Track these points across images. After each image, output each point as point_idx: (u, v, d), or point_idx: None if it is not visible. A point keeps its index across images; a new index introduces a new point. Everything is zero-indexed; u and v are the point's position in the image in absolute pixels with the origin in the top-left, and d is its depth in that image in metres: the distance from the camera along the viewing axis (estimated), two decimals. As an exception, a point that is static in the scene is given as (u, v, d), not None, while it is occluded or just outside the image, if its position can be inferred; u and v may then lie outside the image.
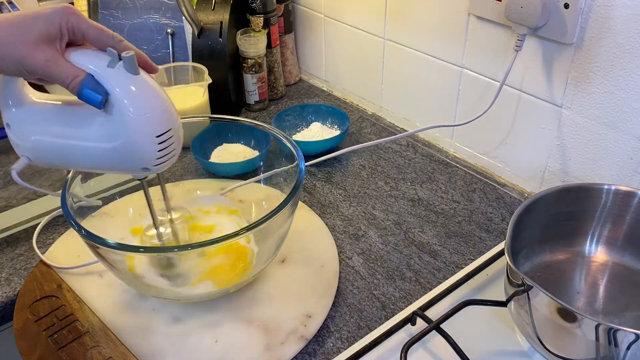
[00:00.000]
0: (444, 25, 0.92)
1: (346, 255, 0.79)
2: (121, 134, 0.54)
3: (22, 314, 0.70)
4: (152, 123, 0.55)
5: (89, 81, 0.51)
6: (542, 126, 0.84)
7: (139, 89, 0.54)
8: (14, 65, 0.50)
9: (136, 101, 0.53)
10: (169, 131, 0.56)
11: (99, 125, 0.55)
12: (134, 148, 0.55)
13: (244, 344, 0.65)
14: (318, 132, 1.03)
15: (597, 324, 0.51)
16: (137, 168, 0.58)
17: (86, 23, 0.52)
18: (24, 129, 0.57)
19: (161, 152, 0.56)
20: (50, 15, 0.50)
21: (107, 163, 0.58)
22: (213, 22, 1.06)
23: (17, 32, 0.49)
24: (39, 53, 0.49)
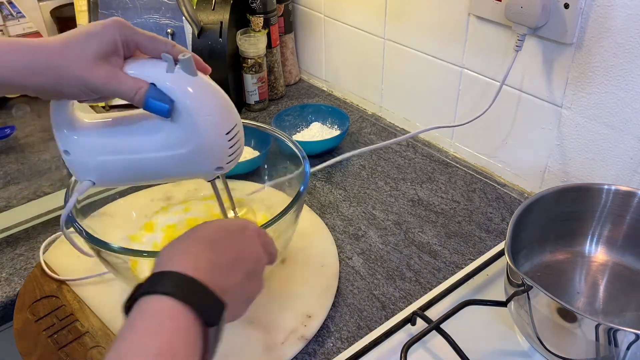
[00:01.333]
0: (444, 25, 0.92)
1: (346, 255, 0.79)
2: (192, 138, 0.53)
3: (22, 314, 0.70)
4: (220, 121, 0.54)
5: (153, 91, 0.50)
6: (542, 126, 0.84)
7: (202, 89, 0.53)
8: (76, 86, 0.49)
9: (201, 102, 0.52)
10: (235, 126, 0.55)
11: (167, 134, 0.53)
12: (206, 149, 0.54)
13: (244, 344, 0.65)
14: (318, 132, 1.03)
15: (597, 324, 0.51)
16: (210, 169, 0.57)
17: (139, 34, 0.51)
18: (85, 152, 0.56)
19: (232, 148, 0.55)
20: (102, 31, 0.49)
21: (179, 170, 0.56)
22: (213, 22, 1.05)
23: (73, 53, 0.48)
24: (98, 71, 0.49)
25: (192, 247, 0.46)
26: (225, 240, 0.49)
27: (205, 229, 0.49)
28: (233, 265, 0.47)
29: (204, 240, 0.47)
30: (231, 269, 0.47)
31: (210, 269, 0.45)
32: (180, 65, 0.51)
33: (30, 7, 1.24)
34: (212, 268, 0.45)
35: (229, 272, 0.46)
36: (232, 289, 0.46)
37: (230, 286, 0.46)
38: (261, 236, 0.53)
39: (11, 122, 1.11)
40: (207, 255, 0.46)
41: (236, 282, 0.47)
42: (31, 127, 1.09)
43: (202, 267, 0.44)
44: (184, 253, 0.46)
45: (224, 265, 0.46)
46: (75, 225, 0.62)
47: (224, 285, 0.44)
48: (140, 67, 0.52)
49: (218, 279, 0.44)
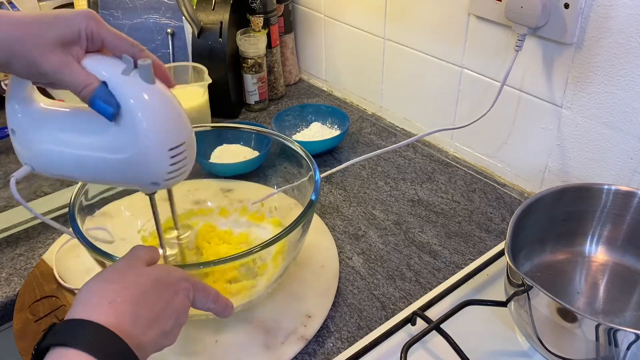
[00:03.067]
0: (444, 25, 0.92)
1: (346, 255, 0.79)
2: (131, 145, 0.51)
3: (22, 314, 0.70)
4: (165, 136, 0.52)
5: (101, 91, 0.49)
6: (542, 126, 0.84)
7: (153, 99, 0.51)
8: (26, 66, 0.48)
9: (149, 112, 0.51)
10: (181, 145, 0.53)
11: (110, 135, 0.52)
12: (144, 161, 0.52)
13: (244, 344, 0.65)
14: (318, 132, 1.03)
15: (597, 324, 0.51)
16: (146, 182, 0.55)
17: (106, 29, 0.50)
18: (30, 136, 0.55)
19: (173, 166, 0.53)
20: (70, 18, 0.48)
21: (115, 175, 0.55)
22: (213, 22, 1.05)
23: (35, 30, 0.47)
24: (53, 56, 0.47)
25: (119, 296, 0.44)
26: (154, 293, 0.47)
27: (139, 276, 0.47)
28: (154, 322, 0.46)
29: (133, 291, 0.45)
30: (152, 325, 0.45)
31: (131, 323, 0.43)
32: (139, 70, 0.50)
33: (30, 7, 1.24)
34: (133, 322, 0.43)
35: (148, 329, 0.45)
36: (147, 345, 0.44)
37: (146, 342, 0.44)
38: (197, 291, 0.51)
39: (11, 122, 1.11)
40: (132, 308, 0.44)
41: (153, 338, 0.45)
42: (31, 127, 1.09)
43: (125, 321, 0.43)
44: (110, 302, 0.43)
45: (145, 321, 0.45)
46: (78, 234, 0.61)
47: (140, 341, 0.43)
48: (98, 63, 0.50)
49: (137, 334, 0.43)
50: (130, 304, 0.44)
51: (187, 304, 0.50)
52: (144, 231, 0.77)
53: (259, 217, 0.80)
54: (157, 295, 0.47)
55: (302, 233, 0.66)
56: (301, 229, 0.64)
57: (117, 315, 0.43)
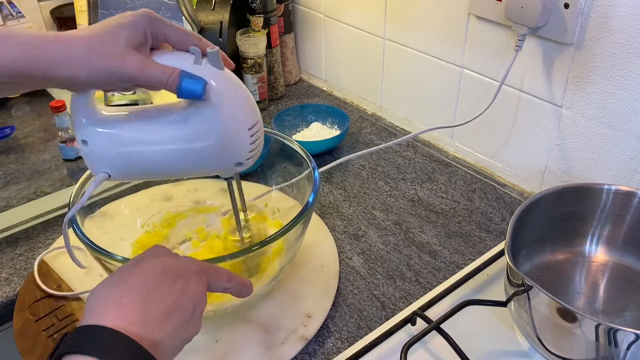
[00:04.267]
0: (444, 25, 0.92)
1: (346, 255, 0.79)
2: (214, 131, 0.53)
3: (22, 314, 0.70)
4: (245, 116, 0.54)
5: (185, 74, 0.51)
6: (542, 126, 0.84)
7: (228, 83, 0.53)
8: (108, 76, 0.49)
9: (228, 95, 0.53)
10: (258, 122, 0.55)
11: (190, 126, 0.53)
12: (228, 143, 0.55)
13: (244, 344, 0.65)
14: (318, 132, 1.03)
15: (597, 324, 0.51)
16: (230, 164, 0.57)
17: (168, 26, 0.52)
18: (103, 143, 0.55)
19: (253, 144, 0.56)
20: (133, 22, 0.50)
21: (199, 164, 0.56)
22: (213, 22, 1.05)
23: (106, 42, 0.49)
24: (131, 58, 0.49)
25: (125, 297, 0.43)
26: (162, 287, 0.45)
27: (143, 271, 0.46)
28: (168, 316, 0.44)
29: (139, 289, 0.44)
30: (166, 319, 0.44)
31: (143, 323, 0.42)
32: (209, 58, 0.52)
33: (30, 7, 1.24)
34: (145, 321, 0.43)
35: (163, 323, 0.44)
36: (165, 340, 0.43)
37: (163, 337, 0.43)
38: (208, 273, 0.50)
39: (11, 122, 1.11)
40: (140, 307, 0.43)
41: (170, 332, 0.44)
42: (31, 127, 1.09)
43: (135, 321, 0.42)
44: (116, 304, 0.43)
45: (158, 317, 0.44)
46: (78, 232, 0.61)
47: (156, 339, 0.42)
48: (168, 58, 0.52)
49: (150, 332, 0.42)
50: (138, 304, 0.43)
51: (203, 288, 0.49)
52: (147, 226, 0.77)
53: (262, 217, 0.80)
54: (166, 288, 0.45)
55: (300, 232, 0.66)
56: (300, 227, 0.64)
57: (126, 316, 0.42)
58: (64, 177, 0.95)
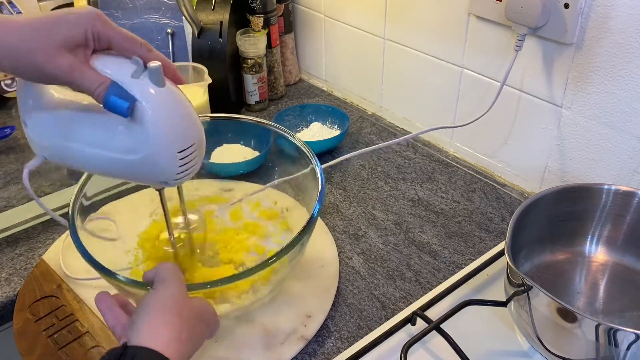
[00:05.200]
0: (444, 25, 0.92)
1: (346, 255, 0.79)
2: (142, 148, 0.52)
3: (22, 314, 0.70)
4: (175, 138, 0.52)
5: (115, 88, 0.49)
6: (542, 126, 0.84)
7: (163, 102, 0.51)
8: (33, 72, 0.47)
9: (159, 115, 0.50)
10: (190, 147, 0.54)
11: (120, 136, 0.52)
12: (154, 162, 0.53)
13: (244, 344, 0.65)
14: (318, 132, 1.03)
15: (597, 324, 0.51)
16: (155, 181, 0.57)
17: (113, 30, 0.49)
18: (42, 129, 0.55)
19: (182, 167, 0.54)
20: (74, 20, 0.47)
21: (125, 173, 0.56)
22: (213, 22, 1.05)
23: (38, 37, 0.46)
24: (61, 59, 0.47)
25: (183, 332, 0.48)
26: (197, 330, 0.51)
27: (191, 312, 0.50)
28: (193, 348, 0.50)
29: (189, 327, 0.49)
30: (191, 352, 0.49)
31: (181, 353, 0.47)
32: (149, 72, 0.49)
33: (30, 7, 1.24)
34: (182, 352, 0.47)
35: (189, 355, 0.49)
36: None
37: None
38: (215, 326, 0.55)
39: (11, 122, 1.11)
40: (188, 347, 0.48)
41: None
42: (31, 127, 1.09)
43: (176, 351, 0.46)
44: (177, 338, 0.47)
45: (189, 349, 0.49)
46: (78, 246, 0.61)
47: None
48: (107, 64, 0.50)
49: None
50: (188, 343, 0.48)
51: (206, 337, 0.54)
52: (155, 215, 0.78)
53: (270, 214, 0.80)
54: (200, 332, 0.51)
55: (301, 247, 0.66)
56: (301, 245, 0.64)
57: (181, 354, 0.47)
58: (64, 177, 0.95)
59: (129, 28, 1.11)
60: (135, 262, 0.72)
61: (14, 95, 1.18)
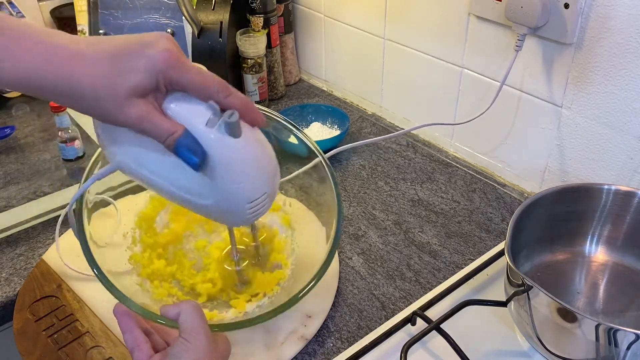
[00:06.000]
0: (444, 25, 0.92)
1: (346, 255, 0.79)
2: (210, 196, 0.50)
3: (22, 314, 0.70)
4: (246, 191, 0.50)
5: (187, 139, 0.45)
6: (542, 126, 0.84)
7: (237, 155, 0.48)
8: (102, 118, 0.46)
9: (232, 168, 0.48)
10: (263, 195, 0.51)
11: (190, 179, 0.49)
12: (222, 210, 0.51)
13: (244, 344, 0.65)
14: (318, 132, 1.03)
15: (597, 324, 0.51)
16: (224, 223, 0.58)
17: (186, 76, 0.45)
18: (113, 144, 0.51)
19: (251, 214, 0.52)
20: (145, 67, 0.44)
21: (193, 209, 0.54)
22: (213, 22, 1.05)
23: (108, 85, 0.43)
24: (131, 109, 0.44)
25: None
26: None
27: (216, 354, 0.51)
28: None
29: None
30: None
31: None
32: (224, 123, 0.46)
33: (30, 7, 1.24)
34: None
35: None
36: None
37: None
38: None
39: (11, 122, 1.11)
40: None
41: None
42: (31, 127, 1.09)
43: None
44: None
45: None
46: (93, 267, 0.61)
47: None
48: (181, 108, 0.46)
49: None
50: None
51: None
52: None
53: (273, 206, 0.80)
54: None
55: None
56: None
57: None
58: (63, 177, 0.95)
59: (129, 28, 1.12)
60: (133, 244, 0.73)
61: (14, 95, 1.18)
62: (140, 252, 0.72)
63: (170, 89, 0.46)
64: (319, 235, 0.72)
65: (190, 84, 0.46)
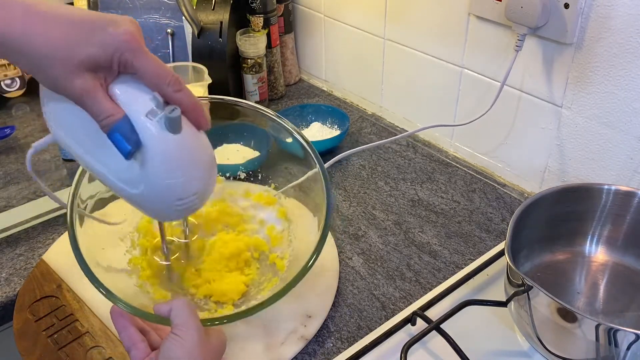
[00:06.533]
0: (444, 25, 0.92)
1: (346, 255, 0.79)
2: (138, 186, 0.49)
3: (22, 314, 0.70)
4: (176, 188, 0.49)
5: (123, 126, 0.45)
6: (542, 126, 0.84)
7: (172, 151, 0.47)
8: (46, 81, 0.45)
9: (165, 163, 0.47)
10: (193, 195, 0.50)
11: (122, 166, 0.48)
12: (151, 201, 0.50)
13: (243, 344, 0.65)
14: (318, 132, 1.03)
15: (597, 324, 0.51)
16: (151, 215, 0.55)
17: (141, 62, 0.45)
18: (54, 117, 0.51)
19: (179, 211, 0.51)
20: (103, 41, 0.43)
21: (121, 195, 0.52)
22: (213, 22, 1.05)
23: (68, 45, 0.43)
24: (76, 79, 0.43)
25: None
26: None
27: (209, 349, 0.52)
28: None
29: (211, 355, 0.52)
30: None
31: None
32: (165, 118, 0.45)
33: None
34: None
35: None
36: None
37: None
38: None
39: (11, 122, 1.11)
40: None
41: None
42: (31, 127, 1.09)
43: None
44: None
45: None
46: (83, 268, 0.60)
47: None
48: (125, 94, 0.46)
49: None
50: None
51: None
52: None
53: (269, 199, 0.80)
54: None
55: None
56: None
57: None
58: (64, 177, 0.95)
59: (129, 28, 1.11)
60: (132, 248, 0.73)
61: (14, 95, 1.18)
62: (140, 254, 0.72)
63: (123, 71, 0.46)
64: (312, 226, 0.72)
65: (143, 70, 0.45)
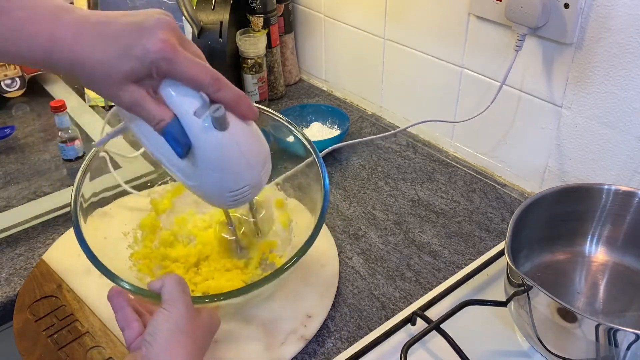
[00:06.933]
0: (444, 25, 0.92)
1: (346, 255, 0.79)
2: (194, 179, 0.52)
3: (22, 314, 0.70)
4: (227, 181, 0.52)
5: (174, 127, 0.47)
6: (542, 126, 0.84)
7: (220, 147, 0.49)
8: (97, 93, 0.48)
9: (213, 159, 0.50)
10: (243, 187, 0.53)
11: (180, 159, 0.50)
12: (205, 192, 0.54)
13: (243, 344, 0.65)
14: (318, 132, 1.03)
15: (597, 324, 0.51)
16: (209, 202, 0.57)
17: (178, 69, 0.46)
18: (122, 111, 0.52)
19: (233, 202, 0.54)
20: (140, 55, 0.45)
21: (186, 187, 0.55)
22: (213, 22, 1.06)
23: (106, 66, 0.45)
24: (124, 93, 0.46)
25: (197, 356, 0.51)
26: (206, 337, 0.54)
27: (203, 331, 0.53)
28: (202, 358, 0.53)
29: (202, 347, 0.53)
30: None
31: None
32: (211, 117, 0.47)
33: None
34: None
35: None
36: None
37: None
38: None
39: (11, 122, 1.11)
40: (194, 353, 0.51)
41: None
42: (31, 127, 1.09)
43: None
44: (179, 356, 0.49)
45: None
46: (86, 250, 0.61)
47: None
48: (174, 95, 0.48)
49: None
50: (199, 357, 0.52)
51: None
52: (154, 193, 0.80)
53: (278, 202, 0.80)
54: (207, 345, 0.55)
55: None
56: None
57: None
58: (63, 177, 0.95)
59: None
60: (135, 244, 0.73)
61: (14, 95, 1.18)
62: (142, 249, 0.73)
63: (164, 78, 0.48)
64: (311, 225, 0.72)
65: (180, 77, 0.47)
